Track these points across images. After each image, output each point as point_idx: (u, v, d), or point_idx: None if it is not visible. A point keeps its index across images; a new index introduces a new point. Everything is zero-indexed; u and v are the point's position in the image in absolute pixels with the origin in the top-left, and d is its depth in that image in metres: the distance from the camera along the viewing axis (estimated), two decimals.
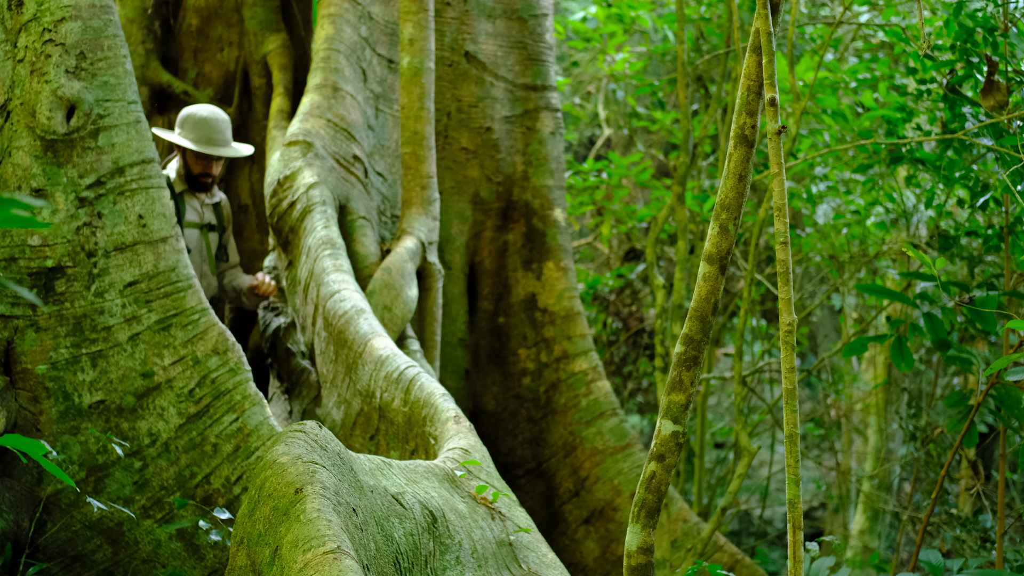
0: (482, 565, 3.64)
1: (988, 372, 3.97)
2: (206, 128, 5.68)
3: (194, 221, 5.78)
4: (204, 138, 5.66)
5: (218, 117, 5.69)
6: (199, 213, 5.83)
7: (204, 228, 5.81)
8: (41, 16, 4.54)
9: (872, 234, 7.47)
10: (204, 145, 5.64)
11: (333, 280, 5.36)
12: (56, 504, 4.38)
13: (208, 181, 5.76)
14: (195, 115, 5.70)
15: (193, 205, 5.81)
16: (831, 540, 3.79)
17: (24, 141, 4.50)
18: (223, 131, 5.71)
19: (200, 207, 5.83)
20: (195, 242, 5.75)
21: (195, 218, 5.80)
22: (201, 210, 5.84)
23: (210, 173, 5.74)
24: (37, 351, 4.44)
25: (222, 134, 5.70)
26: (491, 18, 6.97)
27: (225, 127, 5.73)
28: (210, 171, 5.73)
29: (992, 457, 8.63)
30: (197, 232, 5.78)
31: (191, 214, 5.78)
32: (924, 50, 4.38)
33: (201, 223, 5.81)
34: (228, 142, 5.73)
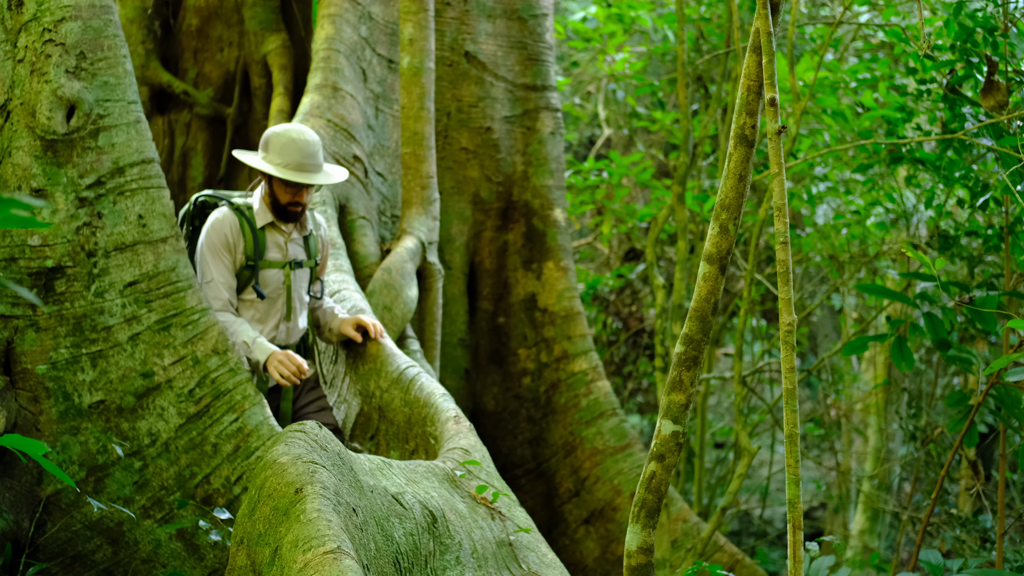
0: (482, 565, 3.64)
1: (988, 372, 3.97)
2: (295, 152, 4.81)
3: (276, 259, 4.91)
4: (294, 163, 4.81)
5: (308, 139, 4.87)
6: (282, 249, 4.94)
7: (289, 265, 4.94)
8: (41, 16, 4.54)
9: (872, 234, 7.47)
10: (294, 172, 4.79)
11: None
12: (56, 504, 4.38)
13: (298, 211, 4.87)
14: (282, 136, 4.89)
15: (276, 240, 4.92)
16: (831, 540, 3.79)
17: (24, 141, 4.51)
18: (314, 155, 4.86)
19: (284, 242, 4.95)
20: (275, 284, 4.90)
21: (278, 255, 4.92)
22: (285, 245, 4.95)
23: (301, 202, 4.86)
24: (37, 351, 4.44)
25: (313, 158, 4.85)
26: (491, 18, 6.97)
27: (316, 150, 4.88)
28: (301, 200, 4.85)
29: (992, 457, 8.63)
30: (280, 272, 4.91)
31: (273, 251, 4.91)
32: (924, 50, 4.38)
33: (285, 260, 4.94)
34: (320, 167, 4.89)
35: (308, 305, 5.09)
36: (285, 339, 4.92)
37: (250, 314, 4.87)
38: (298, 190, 4.84)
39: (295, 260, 4.93)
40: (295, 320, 4.95)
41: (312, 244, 5.02)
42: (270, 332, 4.89)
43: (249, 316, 4.86)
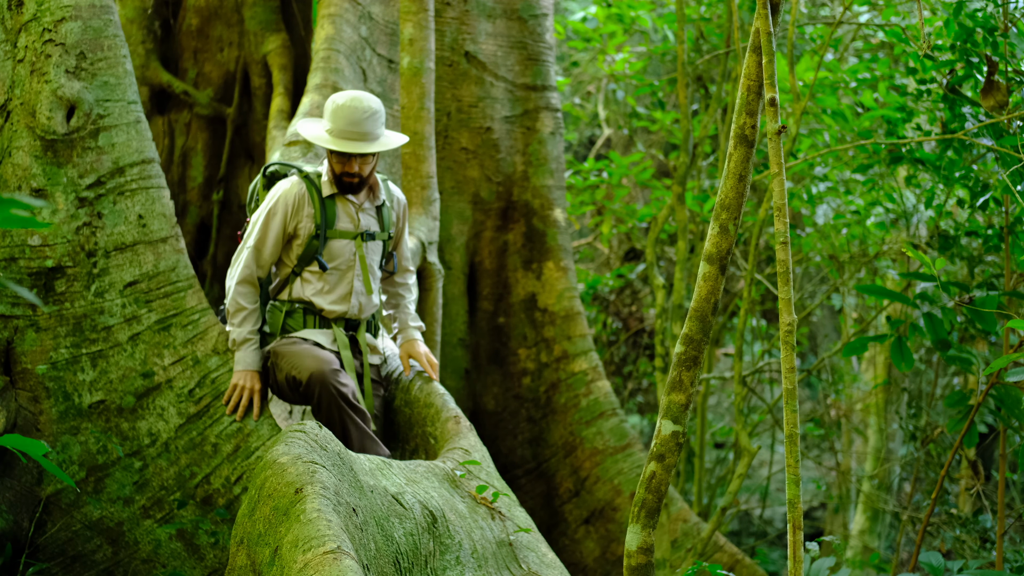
0: (482, 565, 3.64)
1: (988, 372, 3.97)
2: (341, 119, 4.54)
3: (347, 229, 4.66)
4: (337, 131, 4.55)
5: (358, 106, 4.54)
6: (353, 219, 4.68)
7: (361, 236, 4.68)
8: (41, 16, 4.54)
9: (872, 234, 7.47)
10: (336, 140, 4.55)
11: None
12: (56, 504, 4.38)
13: (354, 182, 4.59)
14: (335, 102, 4.62)
15: (347, 210, 4.67)
16: (831, 540, 3.79)
17: (24, 141, 4.51)
18: (360, 122, 4.53)
19: (355, 212, 4.68)
20: (346, 255, 4.66)
21: (348, 225, 4.67)
22: (356, 215, 4.69)
23: (354, 173, 4.57)
24: (37, 351, 4.44)
25: (358, 125, 4.53)
26: (491, 18, 6.97)
27: (365, 117, 4.54)
28: (352, 170, 4.56)
29: (992, 457, 8.63)
30: (351, 243, 4.66)
31: (343, 221, 4.66)
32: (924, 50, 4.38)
33: (356, 231, 4.68)
34: (368, 135, 4.55)
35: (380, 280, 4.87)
36: (358, 313, 4.68)
37: (318, 286, 4.61)
38: (347, 160, 4.55)
39: (367, 231, 4.68)
40: (370, 294, 4.70)
41: (386, 216, 4.76)
42: (339, 304, 4.62)
43: (316, 289, 4.61)
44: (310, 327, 4.61)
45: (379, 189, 4.75)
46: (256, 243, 4.54)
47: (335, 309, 4.62)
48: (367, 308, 4.71)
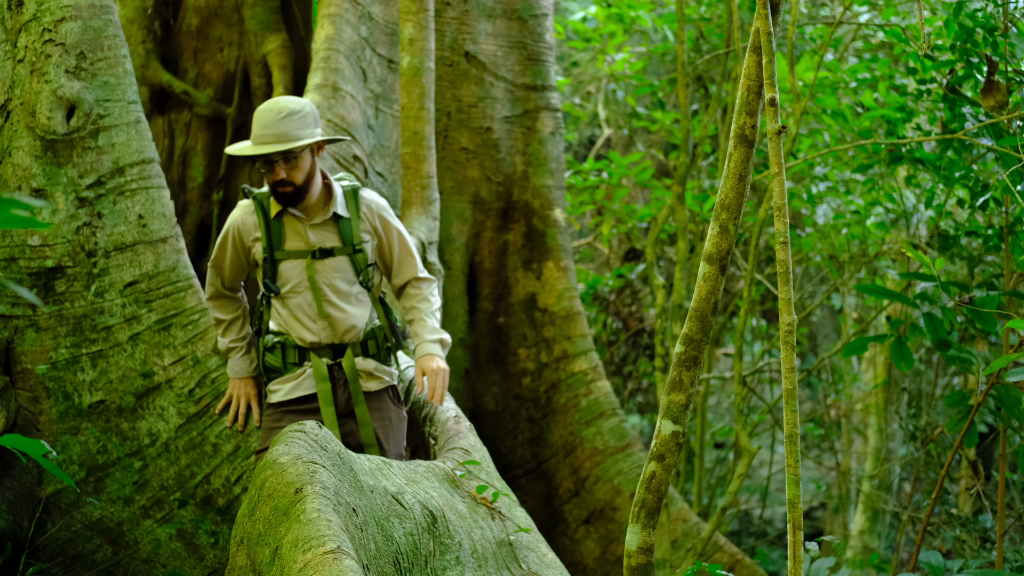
0: (482, 565, 3.64)
1: (988, 372, 3.97)
2: (257, 124, 4.17)
3: (298, 248, 4.28)
4: (255, 138, 4.17)
5: (272, 108, 4.16)
6: (303, 237, 4.29)
7: (314, 255, 4.28)
8: (41, 16, 4.54)
9: (872, 234, 7.47)
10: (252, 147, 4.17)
11: None
12: (56, 504, 4.38)
13: (289, 191, 4.16)
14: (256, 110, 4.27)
15: (295, 228, 4.29)
16: (831, 540, 3.79)
17: (24, 141, 4.51)
18: (276, 123, 4.13)
19: (304, 229, 4.28)
20: (297, 278, 4.28)
21: (298, 244, 4.28)
22: (306, 232, 4.28)
23: (284, 180, 4.15)
24: (37, 351, 4.44)
25: (274, 127, 4.12)
26: (491, 18, 6.97)
27: (281, 118, 4.13)
28: (280, 177, 4.14)
29: (992, 457, 8.62)
30: (301, 264, 4.28)
31: (292, 240, 4.29)
32: (924, 50, 4.38)
33: (308, 249, 4.29)
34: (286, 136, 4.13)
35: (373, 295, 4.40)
36: (333, 337, 4.30)
37: (284, 313, 4.31)
38: (270, 167, 4.14)
39: (322, 248, 4.27)
40: (336, 315, 4.29)
41: (347, 228, 4.31)
42: (307, 332, 4.28)
43: (285, 316, 4.30)
44: (291, 360, 4.29)
45: (333, 200, 4.29)
46: (215, 262, 4.36)
47: (306, 337, 4.28)
48: (344, 330, 4.30)
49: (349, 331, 4.31)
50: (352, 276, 4.32)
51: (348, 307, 4.30)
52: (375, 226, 4.37)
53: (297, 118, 4.14)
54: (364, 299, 4.35)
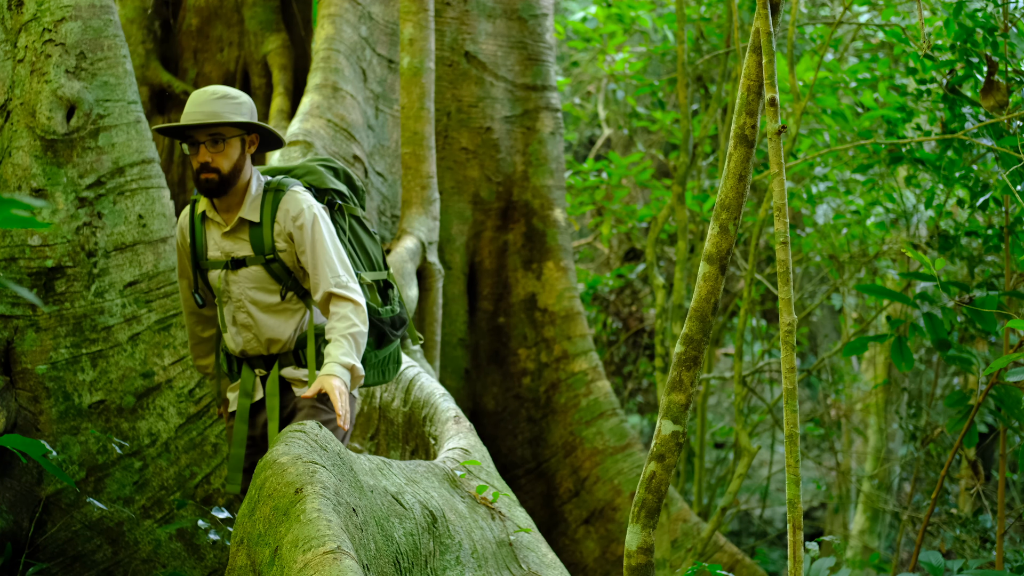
0: (482, 565, 3.64)
1: (988, 372, 3.97)
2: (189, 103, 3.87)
3: (216, 257, 3.96)
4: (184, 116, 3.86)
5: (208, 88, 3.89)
6: (219, 245, 3.95)
7: (227, 265, 3.94)
8: (41, 16, 4.54)
9: (872, 234, 7.47)
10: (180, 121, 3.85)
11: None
12: (56, 504, 4.38)
13: (213, 178, 3.81)
14: None
15: (214, 235, 3.95)
16: (831, 540, 3.79)
17: (24, 141, 4.51)
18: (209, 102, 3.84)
19: (219, 236, 3.94)
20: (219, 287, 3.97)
21: (216, 252, 3.96)
22: (220, 240, 3.94)
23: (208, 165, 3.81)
24: (37, 351, 4.44)
25: (204, 105, 3.83)
26: (491, 18, 6.97)
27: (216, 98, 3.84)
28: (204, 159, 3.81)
29: (992, 457, 8.63)
30: (219, 275, 3.95)
31: (212, 248, 3.96)
32: (924, 50, 4.38)
33: (224, 258, 3.95)
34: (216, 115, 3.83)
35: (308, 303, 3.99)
36: (258, 349, 3.96)
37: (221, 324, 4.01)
38: (196, 149, 3.81)
39: (233, 258, 3.90)
40: (256, 330, 3.93)
41: (258, 235, 3.89)
42: (232, 343, 3.97)
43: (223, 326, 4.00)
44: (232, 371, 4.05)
45: (244, 204, 3.90)
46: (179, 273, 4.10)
47: (234, 347, 3.97)
48: (270, 343, 3.94)
49: (275, 343, 3.95)
50: (272, 286, 3.93)
51: (270, 319, 3.94)
52: (290, 232, 3.90)
53: (232, 102, 3.86)
54: (294, 307, 3.96)
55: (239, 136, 3.85)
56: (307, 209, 3.89)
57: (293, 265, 3.92)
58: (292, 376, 3.96)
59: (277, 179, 3.96)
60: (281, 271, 3.91)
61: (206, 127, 3.79)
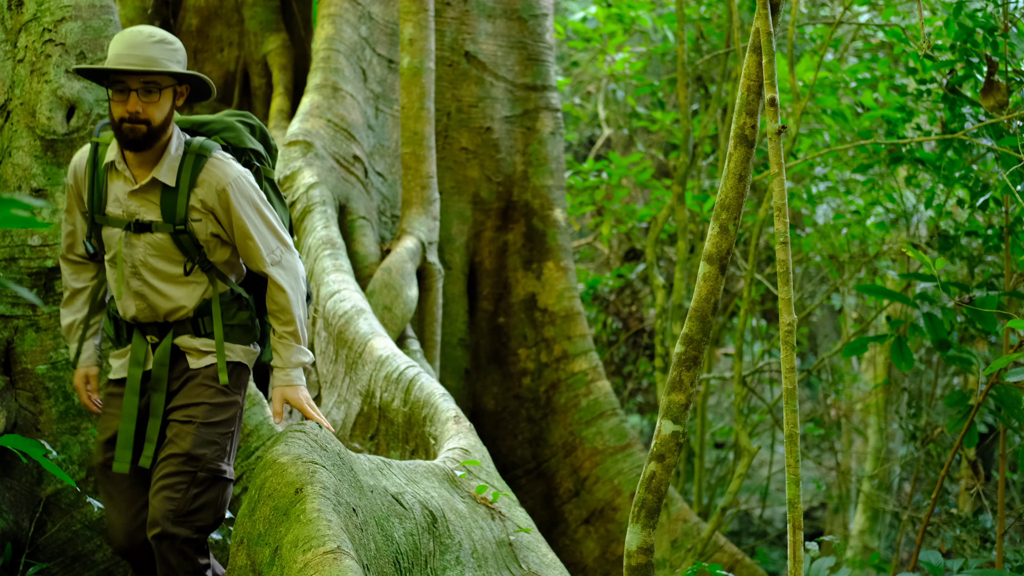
0: (482, 565, 3.64)
1: (988, 372, 3.97)
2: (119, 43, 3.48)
3: (115, 215, 3.56)
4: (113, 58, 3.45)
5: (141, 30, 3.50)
6: (121, 203, 3.56)
7: (130, 227, 3.55)
8: (41, 16, 4.54)
9: (872, 234, 7.47)
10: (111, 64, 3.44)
11: (333, 280, 5.37)
12: (56, 504, 4.38)
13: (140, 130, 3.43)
14: None
15: (117, 190, 3.56)
16: (831, 540, 3.79)
17: (24, 141, 4.50)
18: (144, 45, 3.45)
19: (125, 193, 3.54)
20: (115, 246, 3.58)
21: (116, 210, 3.56)
22: (125, 198, 3.55)
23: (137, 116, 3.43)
24: (37, 351, 4.44)
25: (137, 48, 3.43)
26: (491, 18, 6.97)
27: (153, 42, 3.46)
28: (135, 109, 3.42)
29: (992, 457, 8.63)
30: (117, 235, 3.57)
31: (112, 203, 3.57)
32: (924, 50, 4.38)
33: (125, 218, 3.55)
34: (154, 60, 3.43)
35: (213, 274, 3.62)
36: (152, 317, 3.59)
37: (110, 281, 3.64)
38: (124, 97, 3.42)
39: (137, 221, 3.51)
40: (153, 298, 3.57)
41: (172, 202, 3.52)
42: (122, 307, 3.61)
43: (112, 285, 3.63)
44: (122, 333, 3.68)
45: (161, 164, 3.52)
46: (66, 209, 3.72)
47: (124, 312, 3.61)
48: (167, 312, 3.59)
49: (173, 312, 3.59)
50: (176, 256, 3.56)
51: (170, 289, 3.59)
52: (211, 204, 3.54)
53: (169, 48, 3.49)
54: (198, 279, 3.61)
55: (172, 86, 3.49)
56: (233, 181, 3.55)
57: (205, 238, 3.57)
58: (188, 345, 3.61)
59: (198, 141, 3.58)
60: (190, 244, 3.55)
61: (142, 74, 3.42)
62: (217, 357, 3.62)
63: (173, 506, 3.46)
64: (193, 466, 3.49)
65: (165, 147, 3.52)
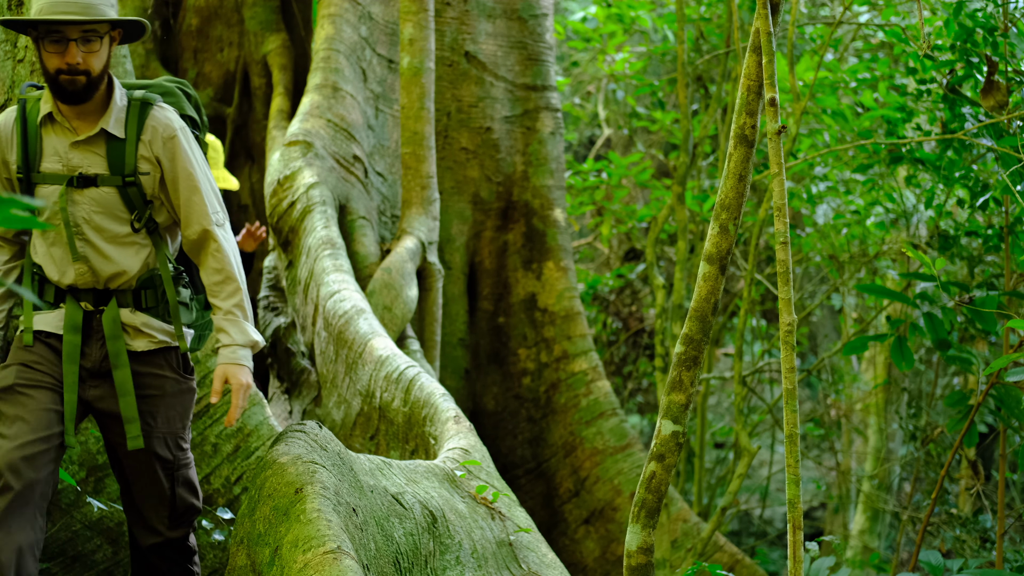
0: (482, 565, 3.64)
1: (988, 372, 3.97)
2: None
3: (54, 171, 3.38)
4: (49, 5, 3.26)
5: None
6: (61, 157, 3.38)
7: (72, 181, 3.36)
8: None
9: (872, 234, 7.47)
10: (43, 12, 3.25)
11: (333, 280, 5.37)
12: (56, 504, 4.38)
13: (79, 81, 3.27)
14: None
15: (55, 145, 3.38)
16: (831, 540, 3.79)
17: None
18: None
19: (66, 147, 3.37)
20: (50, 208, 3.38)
21: (55, 165, 3.38)
22: (65, 152, 3.37)
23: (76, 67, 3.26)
24: None
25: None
26: (491, 18, 6.97)
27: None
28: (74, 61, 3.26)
29: (992, 457, 8.63)
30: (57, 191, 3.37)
31: (49, 159, 3.38)
32: (924, 50, 4.38)
33: (66, 172, 3.38)
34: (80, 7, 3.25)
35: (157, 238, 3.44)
36: (91, 283, 3.40)
37: (42, 246, 3.43)
38: (63, 47, 3.25)
39: (82, 174, 3.34)
40: (96, 260, 3.38)
41: (119, 152, 3.36)
42: (59, 272, 3.40)
43: (43, 249, 3.42)
44: (47, 298, 3.42)
45: (108, 113, 3.35)
46: None
47: (61, 279, 3.40)
48: (108, 276, 3.40)
49: (116, 277, 3.40)
50: (122, 213, 3.39)
51: (114, 251, 3.40)
52: (158, 154, 3.39)
53: None
54: (142, 241, 3.43)
55: (109, 33, 3.33)
56: (181, 131, 3.42)
57: (153, 192, 3.41)
58: (128, 322, 3.42)
59: (140, 92, 3.43)
60: (137, 197, 3.38)
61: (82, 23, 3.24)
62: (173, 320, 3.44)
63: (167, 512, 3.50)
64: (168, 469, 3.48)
65: (109, 97, 3.37)
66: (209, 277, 3.43)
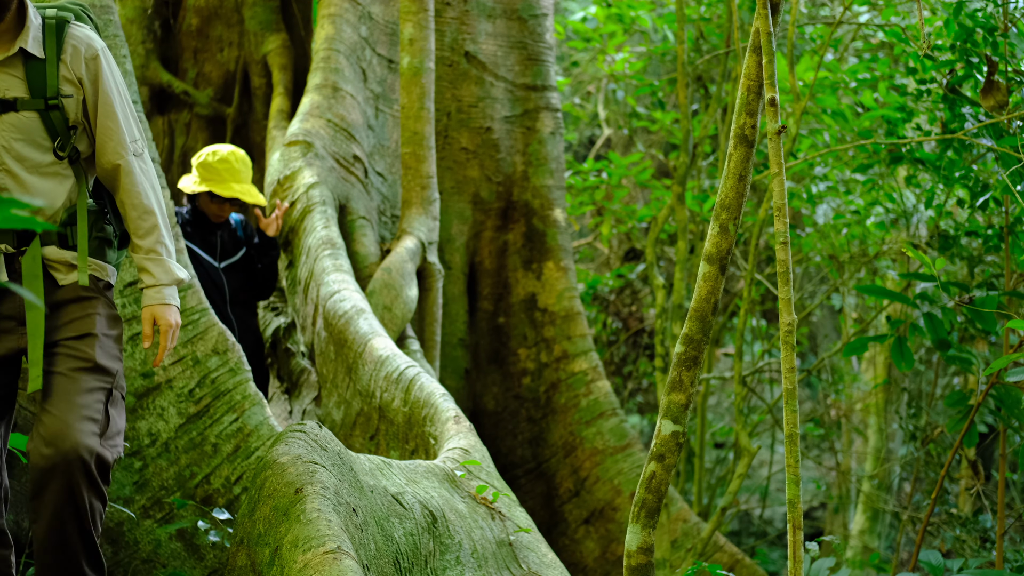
0: (482, 565, 3.64)
1: (988, 372, 3.97)
2: None
3: None
4: None
5: None
6: None
7: None
8: None
9: (872, 234, 7.47)
10: None
11: (333, 280, 5.37)
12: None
13: None
14: None
15: None
16: (831, 540, 3.79)
17: None
18: None
19: None
20: None
21: None
22: None
23: None
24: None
25: None
26: (491, 18, 6.97)
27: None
28: None
29: (992, 457, 8.63)
30: None
31: None
32: (924, 50, 4.38)
33: None
34: None
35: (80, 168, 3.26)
36: None
37: None
38: None
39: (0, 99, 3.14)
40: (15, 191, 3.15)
41: (42, 73, 3.16)
42: None
43: None
44: None
45: (25, 33, 3.14)
46: None
47: None
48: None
49: (40, 213, 3.21)
50: (44, 140, 3.18)
51: (35, 181, 3.18)
52: (80, 75, 3.19)
53: None
54: (65, 172, 3.23)
55: None
56: (102, 51, 3.22)
57: (76, 117, 3.21)
58: (56, 258, 3.23)
59: (52, 11, 3.22)
60: (60, 122, 3.19)
61: None
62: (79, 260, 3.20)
63: (96, 428, 3.08)
64: (106, 381, 3.15)
65: (23, 16, 3.15)
66: (127, 213, 3.24)
